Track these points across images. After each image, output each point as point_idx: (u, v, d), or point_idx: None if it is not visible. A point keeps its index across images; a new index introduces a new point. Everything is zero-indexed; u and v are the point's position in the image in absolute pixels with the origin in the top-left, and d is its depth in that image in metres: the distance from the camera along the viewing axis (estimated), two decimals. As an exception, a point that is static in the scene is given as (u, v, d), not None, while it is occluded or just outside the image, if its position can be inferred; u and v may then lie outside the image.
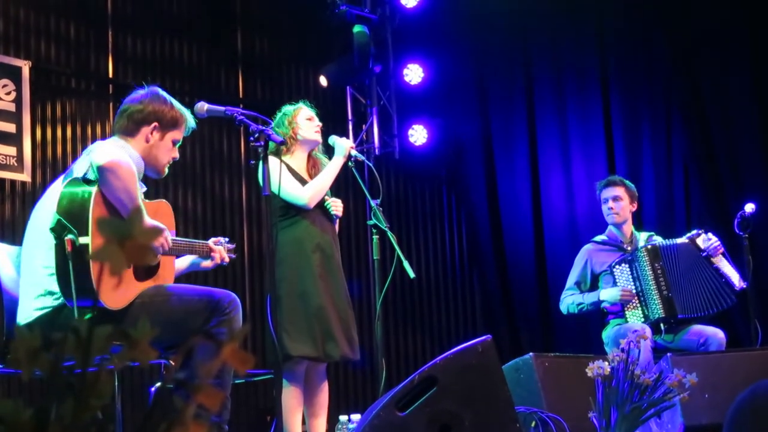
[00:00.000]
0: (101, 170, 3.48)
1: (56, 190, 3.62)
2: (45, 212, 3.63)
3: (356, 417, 5.28)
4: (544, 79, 8.61)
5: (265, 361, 5.03)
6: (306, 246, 5.01)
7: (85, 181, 3.57)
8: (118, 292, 3.58)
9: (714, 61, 7.85)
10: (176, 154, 4.02)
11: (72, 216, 3.48)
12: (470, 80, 8.88)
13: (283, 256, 4.85)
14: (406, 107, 8.52)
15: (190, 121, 4.06)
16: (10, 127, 6.61)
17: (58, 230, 3.48)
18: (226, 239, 4.30)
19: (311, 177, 5.17)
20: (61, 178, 3.72)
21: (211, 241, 4.20)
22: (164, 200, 4.07)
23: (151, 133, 3.91)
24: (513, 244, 8.60)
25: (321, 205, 5.12)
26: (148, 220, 3.59)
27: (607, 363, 4.14)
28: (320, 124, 5.26)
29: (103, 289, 3.46)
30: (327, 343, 4.92)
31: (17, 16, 6.83)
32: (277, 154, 4.83)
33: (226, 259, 4.23)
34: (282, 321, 4.65)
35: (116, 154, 3.53)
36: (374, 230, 5.12)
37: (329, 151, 5.32)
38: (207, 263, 4.21)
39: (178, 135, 3.99)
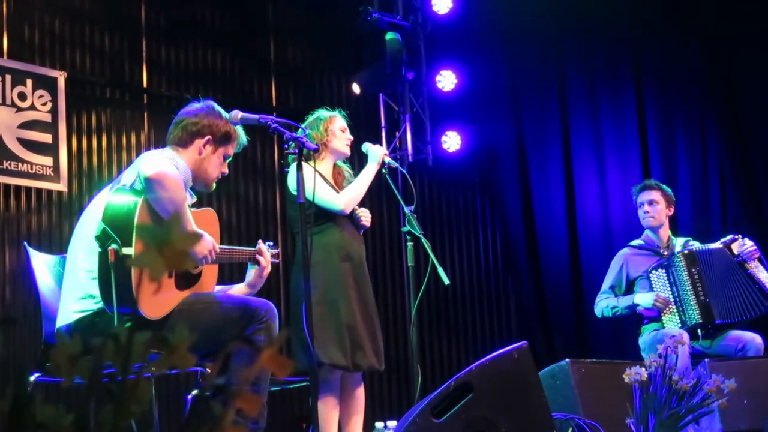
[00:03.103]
0: (148, 181, 3.50)
1: (103, 198, 3.65)
2: (91, 219, 3.66)
3: (392, 424, 5.28)
4: (577, 84, 8.58)
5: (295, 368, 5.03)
6: (336, 254, 5.01)
7: (132, 191, 3.60)
8: (158, 302, 3.59)
9: (749, 63, 7.79)
10: (225, 170, 4.06)
11: (116, 225, 3.50)
12: (503, 86, 8.86)
13: (313, 263, 4.84)
14: (439, 114, 8.51)
15: (242, 138, 4.10)
16: (46, 138, 6.66)
17: (102, 239, 3.50)
18: (269, 243, 4.30)
19: (337, 184, 5.17)
20: (109, 186, 3.75)
21: (254, 249, 4.20)
22: (210, 209, 4.08)
23: (204, 146, 3.94)
24: (547, 250, 8.56)
25: (350, 214, 5.13)
26: (190, 227, 3.60)
27: (644, 369, 4.11)
28: (351, 137, 5.26)
29: (143, 298, 3.48)
30: (356, 353, 4.91)
31: (52, 28, 6.89)
32: (308, 160, 4.84)
33: (269, 266, 4.22)
34: (313, 330, 4.65)
35: (163, 165, 3.56)
36: (408, 237, 5.12)
37: (362, 158, 5.32)
38: (254, 273, 4.18)
39: (229, 150, 4.04)
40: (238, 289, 4.22)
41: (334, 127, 5.19)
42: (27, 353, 6.20)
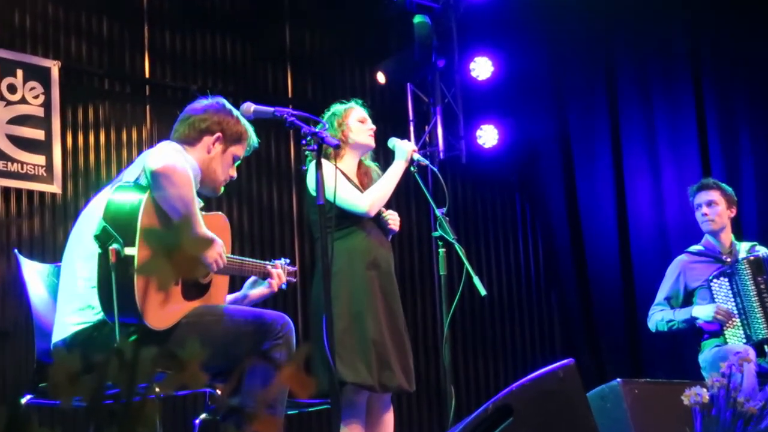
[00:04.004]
0: (154, 175, 3.51)
1: (104, 197, 3.66)
2: (90, 220, 3.67)
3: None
4: (628, 71, 8.55)
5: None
6: (361, 261, 5.01)
7: (137, 186, 3.61)
8: (164, 311, 3.60)
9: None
10: (234, 173, 4.08)
11: (119, 224, 3.52)
12: (545, 74, 8.84)
13: (336, 270, 4.82)
14: (473, 105, 8.50)
15: (253, 139, 4.12)
16: (38, 134, 6.69)
17: (102, 238, 3.51)
18: (287, 261, 4.31)
19: (363, 185, 5.16)
20: (109, 186, 3.77)
21: (267, 263, 4.22)
22: (221, 213, 4.09)
23: (213, 144, 3.97)
24: (595, 258, 8.53)
25: (377, 218, 5.12)
26: (201, 230, 3.61)
27: (705, 389, 4.09)
28: (374, 127, 5.26)
29: (147, 306, 3.49)
30: (383, 372, 4.90)
31: (45, 13, 6.92)
32: (327, 157, 4.83)
33: (284, 282, 4.23)
34: (335, 345, 4.65)
35: (172, 158, 3.57)
36: (440, 243, 5.11)
37: (388, 155, 5.32)
38: (261, 291, 4.22)
39: (239, 151, 4.06)
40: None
41: (350, 120, 5.20)
42: (18, 373, 6.23)
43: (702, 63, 8.26)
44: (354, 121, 5.19)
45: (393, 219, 5.17)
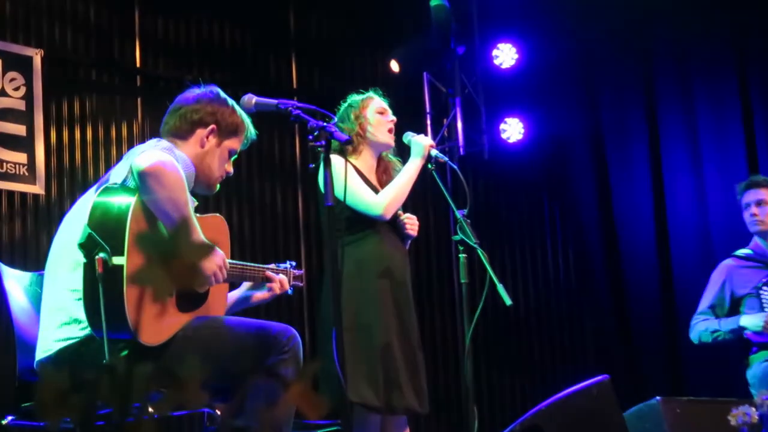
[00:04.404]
0: (142, 176, 3.51)
1: (89, 199, 3.66)
2: (74, 225, 3.67)
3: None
4: (667, 60, 8.53)
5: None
6: (372, 269, 5.01)
7: (124, 189, 3.61)
8: (157, 324, 3.60)
9: None
10: (231, 169, 4.08)
11: (105, 230, 3.51)
12: (575, 62, 8.83)
13: (344, 279, 4.79)
14: (496, 97, 8.50)
15: (251, 131, 4.12)
16: (19, 130, 6.70)
17: (87, 246, 3.51)
18: (292, 264, 4.32)
19: (382, 185, 5.16)
20: (95, 187, 3.77)
21: (269, 267, 4.22)
22: (219, 215, 4.09)
23: (207, 137, 3.97)
24: (631, 264, 8.52)
25: (393, 221, 5.12)
26: (198, 236, 3.61)
27: (754, 408, 4.08)
28: (394, 118, 5.26)
29: (139, 319, 3.49)
30: (391, 392, 4.89)
31: (26, -4, 6.94)
32: (342, 153, 4.83)
33: (289, 287, 4.24)
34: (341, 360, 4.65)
35: (160, 156, 3.56)
36: (461, 248, 5.10)
37: (404, 150, 5.32)
38: (262, 295, 4.24)
39: (236, 144, 4.06)
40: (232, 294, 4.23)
41: (368, 112, 5.19)
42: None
43: (748, 49, 8.24)
44: (373, 113, 5.19)
45: (411, 223, 5.17)
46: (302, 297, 7.58)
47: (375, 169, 5.23)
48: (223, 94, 4.08)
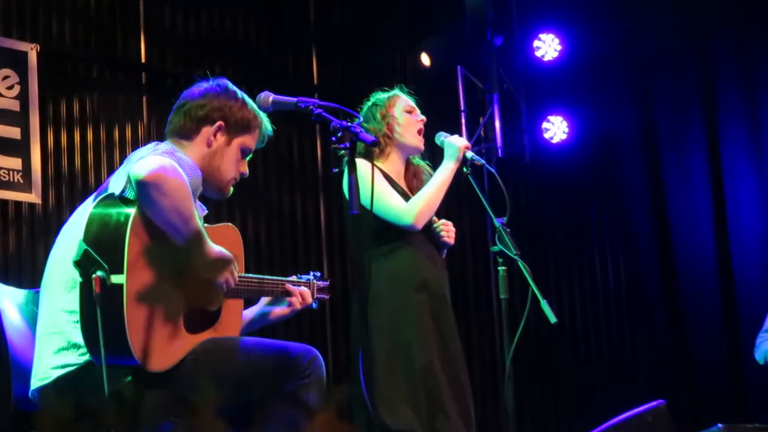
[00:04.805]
0: (141, 185, 3.49)
1: (85, 211, 3.66)
2: (69, 240, 3.67)
3: None
4: (728, 51, 8.51)
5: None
6: (408, 283, 5.01)
7: (123, 200, 3.61)
8: (164, 348, 3.59)
9: None
10: (245, 169, 4.05)
11: (103, 246, 3.51)
12: (625, 54, 8.81)
13: (378, 295, 4.81)
14: (538, 92, 8.50)
15: (266, 126, 4.10)
16: (13, 132, 6.72)
17: (83, 264, 3.50)
18: (316, 275, 4.32)
19: (411, 190, 5.16)
20: (93, 196, 3.77)
21: (290, 279, 4.22)
22: (231, 225, 4.09)
23: (215, 135, 3.95)
24: (689, 277, 8.50)
25: (427, 229, 5.11)
26: (214, 247, 3.59)
27: (827, 437, 4.07)
28: (423, 118, 5.25)
29: (142, 343, 3.47)
30: (436, 416, 4.89)
31: (21, -14, 6.97)
32: (367, 156, 4.82)
33: (310, 301, 4.24)
34: (375, 383, 4.62)
35: (160, 162, 3.56)
36: (500, 260, 5.09)
37: (436, 153, 5.31)
38: (282, 310, 4.23)
39: (249, 142, 4.03)
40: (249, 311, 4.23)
41: (396, 111, 5.20)
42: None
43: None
44: (400, 111, 5.19)
45: (447, 230, 5.16)
46: (325, 313, 7.59)
47: (404, 174, 5.23)
48: (232, 87, 4.05)
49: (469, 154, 5.18)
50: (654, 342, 8.67)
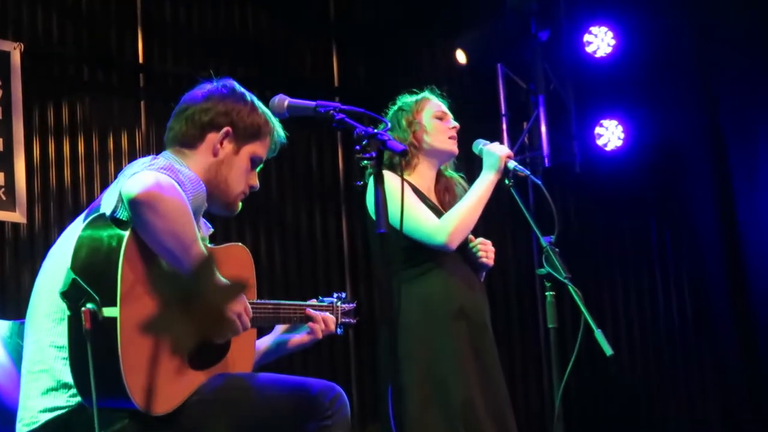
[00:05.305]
0: (134, 205, 3.46)
1: (74, 233, 3.65)
2: (56, 266, 3.66)
3: None
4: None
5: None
6: (441, 310, 5.00)
7: (115, 221, 3.59)
8: (165, 388, 3.57)
9: None
10: (256, 182, 4.03)
11: (93, 274, 3.48)
12: (688, 49, 8.80)
13: (409, 324, 4.81)
14: (589, 93, 8.49)
15: (279, 132, 4.08)
16: (-5, 143, 6.75)
17: (71, 296, 3.48)
18: (341, 296, 4.31)
19: (443, 205, 5.16)
20: (83, 215, 3.76)
21: (310, 303, 4.21)
22: (240, 244, 4.07)
23: (221, 143, 3.93)
24: (764, 301, 8.47)
25: (463, 249, 5.11)
26: (216, 275, 3.57)
27: None
28: (456, 125, 5.25)
29: (140, 384, 3.45)
30: (477, 457, 4.89)
31: (3, -21, 7.00)
32: (393, 168, 4.82)
33: (333, 328, 4.22)
34: (409, 422, 4.63)
35: (156, 178, 3.54)
36: (548, 284, 5.08)
37: (474, 163, 5.30)
38: (300, 338, 4.22)
39: (259, 150, 4.01)
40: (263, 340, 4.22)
41: (424, 116, 5.19)
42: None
43: None
44: (429, 117, 5.18)
45: (485, 250, 5.14)
46: (348, 344, 7.58)
47: (434, 187, 5.22)
48: (240, 89, 4.04)
49: (512, 164, 5.16)
50: (724, 375, 8.63)
